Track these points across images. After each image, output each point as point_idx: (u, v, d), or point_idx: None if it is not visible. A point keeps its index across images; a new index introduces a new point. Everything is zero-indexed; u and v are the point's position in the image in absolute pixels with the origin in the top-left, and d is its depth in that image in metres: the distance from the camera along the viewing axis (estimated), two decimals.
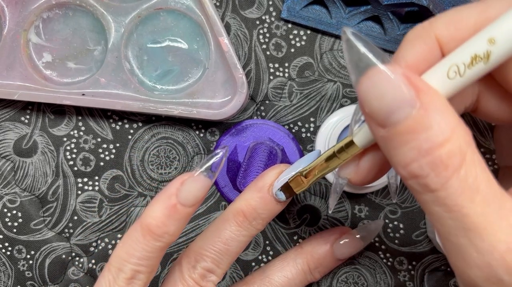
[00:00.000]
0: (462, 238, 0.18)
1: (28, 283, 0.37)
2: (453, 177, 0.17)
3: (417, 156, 0.18)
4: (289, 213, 0.36)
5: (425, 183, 0.18)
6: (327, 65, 0.35)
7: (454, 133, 0.17)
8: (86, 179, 0.36)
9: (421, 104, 0.17)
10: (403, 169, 0.18)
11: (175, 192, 0.24)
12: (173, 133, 0.36)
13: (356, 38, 0.18)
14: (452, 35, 0.20)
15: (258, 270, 0.34)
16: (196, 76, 0.34)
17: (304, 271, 0.33)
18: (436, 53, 0.20)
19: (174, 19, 0.34)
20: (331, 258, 0.33)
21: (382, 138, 0.19)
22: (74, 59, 0.35)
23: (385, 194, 0.36)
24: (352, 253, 0.34)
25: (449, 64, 0.19)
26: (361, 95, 0.18)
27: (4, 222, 0.36)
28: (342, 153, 0.23)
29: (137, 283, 0.25)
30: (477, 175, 0.18)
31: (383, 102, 0.18)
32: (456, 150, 0.17)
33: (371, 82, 0.18)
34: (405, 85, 0.17)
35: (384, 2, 0.32)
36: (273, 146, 0.33)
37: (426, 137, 0.17)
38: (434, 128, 0.17)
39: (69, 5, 0.34)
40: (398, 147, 0.18)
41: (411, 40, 0.21)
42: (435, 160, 0.17)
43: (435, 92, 0.18)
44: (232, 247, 0.27)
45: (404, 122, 0.18)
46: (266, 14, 0.35)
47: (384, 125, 0.18)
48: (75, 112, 0.36)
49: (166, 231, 0.24)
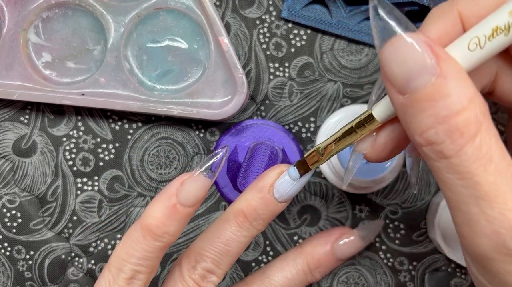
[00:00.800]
0: (472, 206, 0.18)
1: (28, 283, 0.37)
2: (467, 145, 0.18)
3: (434, 123, 0.18)
4: (289, 213, 0.36)
5: (440, 150, 0.18)
6: (328, 65, 0.35)
7: (472, 102, 0.18)
8: (86, 179, 0.36)
9: (440, 72, 0.18)
10: (419, 136, 0.19)
11: (175, 192, 0.24)
12: (173, 133, 0.36)
13: (382, 5, 0.19)
14: (474, 11, 0.21)
15: (258, 271, 0.34)
16: (196, 76, 0.34)
17: (304, 272, 0.33)
18: (458, 29, 0.21)
19: (174, 18, 0.34)
20: (331, 258, 0.33)
21: (401, 105, 0.19)
22: (73, 59, 0.35)
23: (385, 194, 0.36)
24: (352, 253, 0.34)
25: (470, 37, 0.19)
26: (384, 60, 0.19)
27: (4, 223, 0.36)
28: (361, 127, 0.23)
29: (137, 283, 0.25)
30: (491, 145, 0.18)
31: (404, 68, 0.18)
32: (472, 119, 0.18)
33: (394, 47, 0.18)
34: (427, 52, 0.18)
35: None
36: (274, 146, 0.33)
37: (444, 105, 0.18)
38: (452, 96, 0.18)
39: (69, 5, 0.34)
40: (416, 114, 0.18)
41: (434, 16, 0.21)
42: (451, 127, 0.18)
43: (455, 61, 0.18)
44: (232, 248, 0.27)
45: (423, 89, 0.18)
46: (266, 14, 0.35)
47: (403, 91, 0.19)
48: (74, 112, 0.36)
49: (166, 231, 0.24)
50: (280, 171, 0.27)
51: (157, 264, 0.26)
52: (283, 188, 0.26)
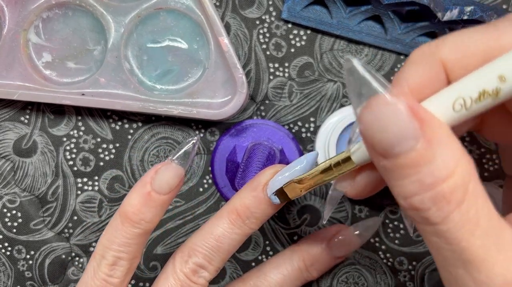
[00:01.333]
0: (460, 269, 0.18)
1: (28, 283, 0.37)
2: (454, 212, 0.17)
3: (419, 190, 0.17)
4: (289, 213, 0.36)
5: (426, 217, 0.18)
6: (327, 65, 0.35)
7: (458, 166, 0.17)
8: (86, 179, 0.36)
9: (424, 137, 0.17)
10: (404, 200, 0.18)
11: (149, 181, 0.26)
12: (173, 133, 0.36)
13: (360, 65, 0.18)
14: (459, 61, 0.20)
15: (255, 268, 0.34)
16: (196, 76, 0.34)
17: (300, 268, 0.33)
18: (441, 78, 0.20)
19: (174, 19, 0.34)
20: (327, 256, 0.33)
21: (384, 168, 0.18)
22: (73, 59, 0.35)
23: (385, 194, 0.36)
24: (349, 250, 0.34)
25: (455, 96, 0.18)
26: (363, 126, 0.18)
27: (4, 222, 0.36)
28: (339, 167, 0.23)
29: (119, 270, 0.26)
30: (478, 208, 0.17)
31: (386, 135, 0.17)
32: (459, 184, 0.17)
33: (374, 113, 0.17)
34: (409, 117, 0.17)
35: (385, 2, 0.32)
36: (272, 147, 0.33)
37: (429, 171, 0.17)
38: (438, 162, 0.17)
39: (69, 5, 0.34)
40: (399, 179, 0.18)
41: (415, 62, 0.20)
42: (438, 195, 0.17)
43: (439, 123, 0.17)
44: (224, 245, 0.27)
45: (407, 154, 0.17)
46: (266, 14, 0.35)
47: (386, 156, 0.18)
48: (74, 112, 0.36)
49: (143, 218, 0.26)
50: (275, 170, 0.27)
51: (139, 251, 0.27)
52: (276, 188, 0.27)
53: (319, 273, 0.34)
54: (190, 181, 0.36)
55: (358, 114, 0.18)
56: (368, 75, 0.18)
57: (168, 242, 0.36)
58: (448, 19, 0.32)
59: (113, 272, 0.26)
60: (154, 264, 0.37)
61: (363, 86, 0.18)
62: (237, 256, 0.37)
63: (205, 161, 0.36)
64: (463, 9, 0.31)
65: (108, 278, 0.26)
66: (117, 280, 0.27)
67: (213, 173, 0.35)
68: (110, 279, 0.26)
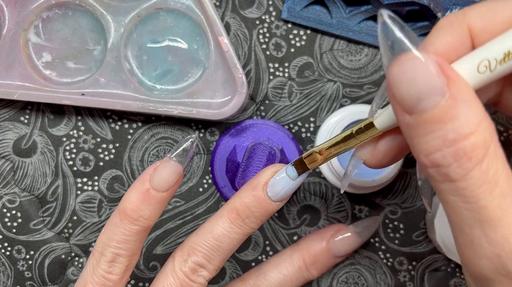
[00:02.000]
0: (475, 229, 0.18)
1: (28, 283, 0.37)
2: (474, 169, 0.18)
3: (441, 145, 0.18)
4: (289, 213, 0.36)
5: (446, 173, 0.18)
6: (327, 65, 0.35)
7: (480, 125, 0.18)
8: (86, 179, 0.36)
9: (450, 94, 0.17)
10: (426, 157, 0.18)
11: (148, 178, 0.26)
12: (173, 133, 0.36)
13: (392, 21, 0.18)
14: (485, 27, 0.20)
15: (254, 267, 0.34)
16: (196, 76, 0.34)
17: (300, 268, 0.33)
18: (467, 43, 0.20)
19: (174, 19, 0.34)
20: (327, 255, 0.33)
21: (407, 124, 0.19)
22: (73, 59, 0.35)
23: (385, 194, 0.36)
24: (349, 249, 0.34)
25: (480, 58, 0.19)
26: (391, 79, 0.18)
27: (4, 222, 0.36)
28: (361, 134, 0.23)
29: (118, 266, 0.27)
30: (498, 168, 0.18)
31: (413, 88, 0.18)
32: (480, 143, 0.18)
33: (404, 67, 0.18)
34: (438, 73, 0.17)
35: (385, 2, 0.32)
36: (272, 146, 0.33)
37: (452, 128, 0.17)
38: (461, 119, 0.17)
39: (69, 5, 0.34)
40: (422, 135, 0.18)
41: (442, 28, 0.21)
42: (459, 151, 0.17)
43: (464, 83, 0.18)
44: (224, 244, 0.27)
45: (432, 110, 0.18)
46: (266, 14, 0.35)
47: (411, 111, 0.18)
48: (74, 112, 0.36)
49: (141, 215, 0.26)
50: (275, 170, 0.27)
51: (138, 248, 0.27)
52: (277, 187, 0.26)
53: (319, 272, 0.33)
54: (190, 181, 0.36)
55: (388, 67, 0.18)
56: (399, 32, 0.18)
57: (168, 242, 0.36)
58: None
59: (112, 269, 0.27)
60: (154, 264, 0.37)
61: (395, 42, 0.18)
62: (237, 256, 0.37)
63: (205, 161, 0.36)
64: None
65: (107, 274, 0.27)
66: (116, 276, 0.27)
67: (213, 173, 0.35)
68: (109, 275, 0.27)
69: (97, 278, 0.27)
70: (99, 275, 0.27)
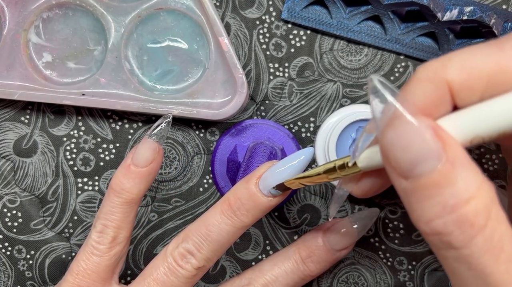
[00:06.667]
0: None
1: (28, 283, 0.37)
2: (478, 235, 0.17)
3: (441, 212, 0.17)
4: (289, 213, 0.36)
5: (449, 241, 0.17)
6: (327, 65, 0.35)
7: (480, 190, 0.17)
8: (86, 179, 0.36)
9: (447, 158, 0.17)
10: (426, 225, 0.18)
11: (130, 156, 0.30)
12: (173, 133, 0.36)
13: (383, 86, 0.18)
14: (464, 83, 0.19)
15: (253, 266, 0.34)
16: (196, 76, 0.34)
17: (296, 260, 0.32)
18: (446, 98, 0.20)
19: (174, 19, 0.34)
20: (324, 248, 0.32)
21: (404, 190, 0.18)
22: (74, 59, 0.35)
23: (384, 194, 0.36)
24: (346, 243, 0.33)
25: (473, 134, 0.18)
26: (385, 145, 0.18)
27: (4, 222, 0.36)
28: (343, 170, 0.23)
29: (105, 237, 0.29)
30: (502, 232, 0.17)
31: (409, 154, 0.17)
32: (481, 208, 0.17)
33: (397, 132, 0.17)
34: (432, 137, 0.17)
35: (385, 2, 0.32)
36: (273, 146, 0.33)
37: (451, 193, 0.17)
38: (460, 184, 0.17)
39: (69, 5, 0.34)
40: (421, 201, 0.18)
41: (421, 81, 0.20)
42: (461, 218, 0.17)
43: (459, 147, 0.18)
44: (213, 234, 0.28)
45: (429, 175, 0.17)
46: (266, 14, 0.35)
47: (407, 176, 0.18)
48: (75, 112, 0.36)
49: (123, 187, 0.29)
50: (271, 165, 0.27)
51: (122, 221, 0.29)
52: (268, 180, 0.27)
53: (317, 266, 0.32)
54: (190, 181, 0.36)
55: (381, 132, 0.18)
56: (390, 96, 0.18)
57: (168, 242, 0.36)
58: (448, 19, 0.32)
59: (100, 239, 0.29)
60: None
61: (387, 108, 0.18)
62: (237, 256, 0.37)
63: (205, 161, 0.36)
64: (462, 10, 0.31)
65: (96, 244, 0.29)
66: (103, 246, 0.29)
67: (213, 173, 0.36)
68: (97, 245, 0.29)
69: (87, 248, 0.29)
70: (89, 244, 0.29)
